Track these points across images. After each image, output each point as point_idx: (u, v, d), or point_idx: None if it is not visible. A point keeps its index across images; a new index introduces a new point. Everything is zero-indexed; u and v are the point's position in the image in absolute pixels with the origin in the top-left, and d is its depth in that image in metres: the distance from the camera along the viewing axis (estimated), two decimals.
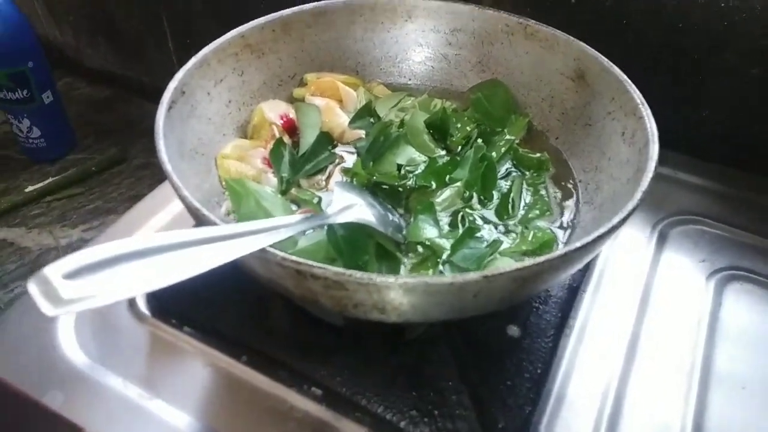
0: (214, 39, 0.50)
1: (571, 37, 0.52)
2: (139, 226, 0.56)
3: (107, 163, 0.91)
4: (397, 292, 0.32)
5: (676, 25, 0.58)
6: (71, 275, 0.26)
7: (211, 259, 0.31)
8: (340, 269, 0.32)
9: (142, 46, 0.98)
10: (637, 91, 0.46)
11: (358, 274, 0.32)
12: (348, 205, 0.41)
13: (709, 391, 0.44)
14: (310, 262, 0.32)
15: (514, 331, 0.46)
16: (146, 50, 0.98)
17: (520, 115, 0.56)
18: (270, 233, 0.34)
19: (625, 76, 0.47)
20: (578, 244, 0.34)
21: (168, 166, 0.37)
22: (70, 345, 0.46)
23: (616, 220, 0.36)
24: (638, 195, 0.38)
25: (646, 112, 0.44)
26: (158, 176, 0.89)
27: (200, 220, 0.35)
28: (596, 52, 0.50)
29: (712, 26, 0.57)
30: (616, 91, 0.48)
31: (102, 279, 0.26)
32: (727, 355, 0.47)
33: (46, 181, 0.86)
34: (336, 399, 0.42)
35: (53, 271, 0.25)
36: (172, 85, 0.44)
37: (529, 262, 0.33)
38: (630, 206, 0.37)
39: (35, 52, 0.81)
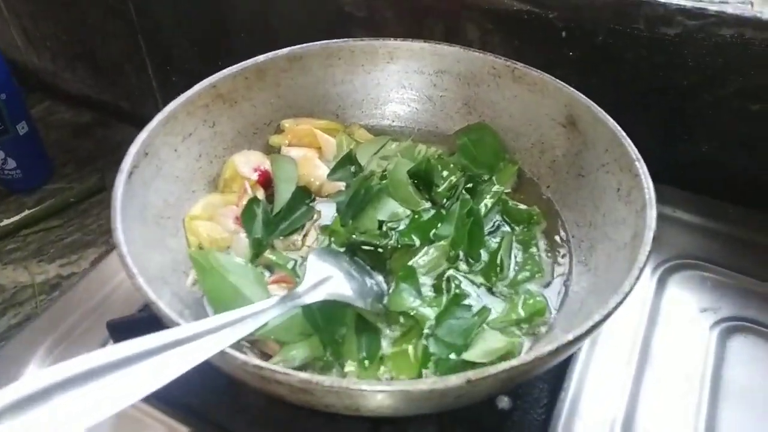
0: (193, 63, 0.47)
1: (561, 83, 0.49)
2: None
3: (86, 193, 0.88)
4: (372, 398, 0.30)
5: (671, 61, 0.56)
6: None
7: (171, 368, 0.28)
8: (306, 376, 0.29)
9: (121, 71, 0.95)
10: (633, 146, 0.43)
11: (326, 381, 0.29)
12: (321, 280, 0.39)
13: None
14: (273, 367, 0.29)
15: (504, 402, 0.43)
16: (125, 75, 0.95)
17: (509, 161, 0.53)
18: (235, 327, 0.32)
19: (620, 128, 0.44)
20: (570, 337, 0.31)
21: (127, 259, 0.34)
22: None
23: (612, 303, 0.33)
24: (635, 273, 0.35)
25: (643, 169, 0.41)
26: None
27: (159, 315, 0.32)
28: (588, 99, 0.47)
29: (708, 62, 0.55)
30: (610, 143, 0.45)
31: (31, 420, 0.23)
32: (732, 417, 0.44)
33: (23, 214, 0.83)
34: None
35: None
36: (133, 149, 0.41)
37: (516, 362, 0.30)
38: (627, 287, 0.34)
39: (7, 84, 0.78)
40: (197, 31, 0.81)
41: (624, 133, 0.44)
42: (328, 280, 0.39)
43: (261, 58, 0.51)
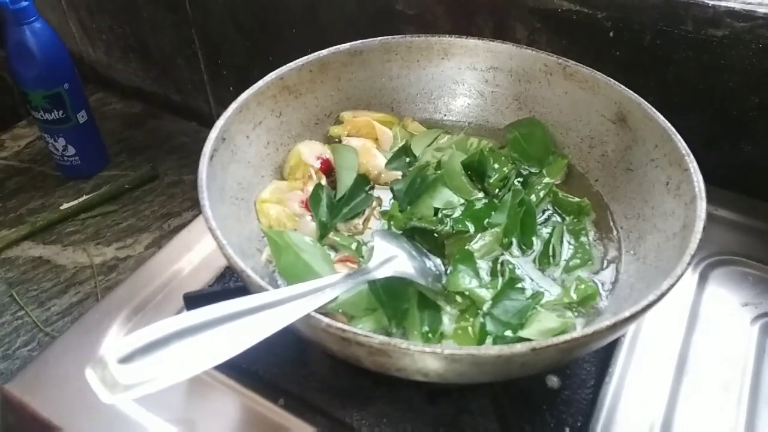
0: (244, 60, 0.50)
1: (612, 80, 0.51)
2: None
3: (140, 181, 0.92)
4: (442, 362, 0.32)
5: (718, 62, 0.57)
6: (127, 359, 0.26)
7: (260, 329, 0.31)
8: (386, 338, 0.32)
9: (173, 64, 0.99)
10: (682, 141, 0.45)
11: (403, 343, 0.32)
12: (388, 258, 0.41)
13: None
14: (356, 330, 0.32)
15: (553, 381, 0.46)
16: (177, 68, 0.99)
17: (558, 155, 0.55)
18: (314, 296, 0.35)
19: (669, 125, 0.46)
20: (627, 314, 0.34)
21: (217, 232, 0.37)
22: None
23: (665, 286, 0.35)
24: (686, 258, 0.37)
25: (693, 164, 0.43)
26: (188, 194, 0.91)
27: (247, 282, 0.36)
28: (638, 97, 0.49)
29: (755, 64, 0.56)
30: (660, 139, 0.47)
31: (157, 360, 0.26)
32: None
33: (81, 199, 0.87)
34: None
35: (110, 355, 0.26)
36: (213, 134, 0.44)
37: (577, 333, 0.32)
38: (679, 270, 0.36)
39: (71, 74, 0.83)
40: (248, 26, 0.84)
41: (674, 130, 0.46)
42: (393, 258, 0.41)
43: (324, 52, 0.54)
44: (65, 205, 0.86)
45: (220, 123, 0.45)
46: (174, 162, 0.96)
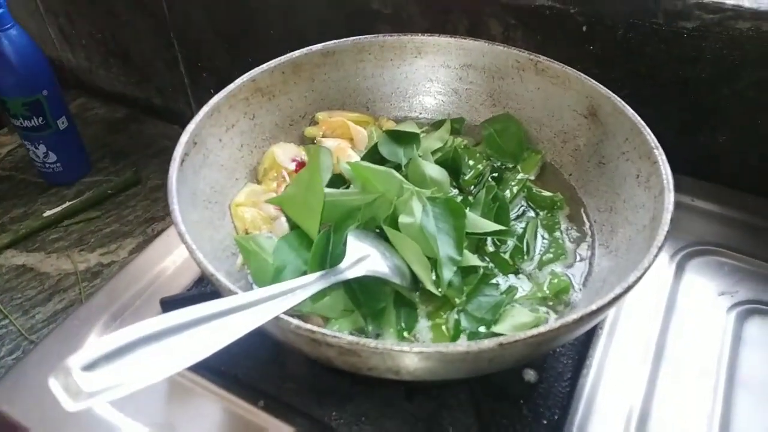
0: (225, 62, 0.50)
1: (583, 75, 0.51)
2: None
3: (123, 186, 0.91)
4: (411, 359, 0.33)
5: (689, 54, 0.58)
6: (91, 366, 0.26)
7: (229, 332, 0.31)
8: (354, 338, 0.32)
9: (153, 68, 0.99)
10: (651, 134, 0.45)
11: (372, 342, 0.32)
12: (361, 257, 0.42)
13: None
14: (324, 331, 0.32)
15: (531, 375, 0.46)
16: (157, 72, 0.99)
17: (533, 151, 0.55)
18: (285, 297, 0.35)
19: (639, 118, 0.47)
20: (594, 307, 0.34)
21: (186, 236, 0.37)
22: None
23: (632, 278, 0.36)
24: (654, 250, 0.37)
25: (661, 157, 0.44)
26: None
27: (216, 286, 0.36)
28: (608, 91, 0.49)
29: (725, 55, 0.56)
30: (630, 132, 0.47)
31: (123, 366, 0.27)
32: (749, 397, 0.46)
33: (64, 205, 0.87)
34: None
35: (73, 363, 0.26)
36: (184, 138, 0.44)
37: (544, 328, 0.33)
38: (646, 263, 0.37)
39: (49, 81, 0.82)
40: (226, 28, 0.84)
41: (643, 123, 0.46)
42: (366, 258, 0.42)
43: (296, 53, 0.54)
44: (48, 212, 0.86)
45: (191, 127, 0.45)
46: (157, 166, 0.96)
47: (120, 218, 0.87)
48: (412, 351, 0.32)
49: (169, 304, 0.47)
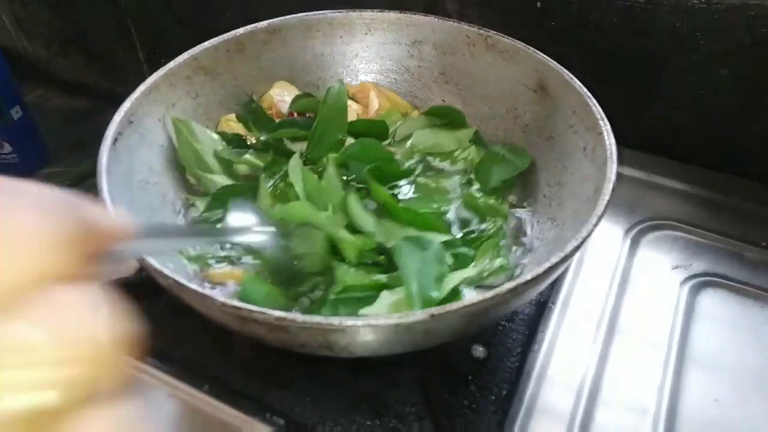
0: (183, 43, 0.49)
1: (532, 49, 0.50)
2: None
3: (80, 177, 0.89)
4: (341, 334, 0.32)
5: (643, 28, 0.57)
6: None
7: None
8: (282, 313, 0.31)
9: (113, 55, 0.97)
10: (597, 106, 0.45)
11: (299, 317, 0.31)
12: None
13: (681, 406, 0.44)
14: (251, 307, 0.31)
15: (479, 351, 0.45)
16: (117, 60, 0.97)
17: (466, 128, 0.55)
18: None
19: (586, 90, 0.46)
20: (528, 277, 0.33)
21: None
22: None
23: (569, 247, 0.35)
24: (593, 220, 0.37)
25: (606, 128, 0.43)
26: None
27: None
28: (557, 64, 0.49)
29: (678, 28, 0.56)
30: (577, 105, 0.46)
31: None
32: (699, 369, 0.46)
33: None
34: (298, 428, 0.42)
35: None
36: (117, 117, 0.43)
37: (475, 299, 0.32)
38: (585, 232, 0.36)
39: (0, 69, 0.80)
40: (183, 11, 0.82)
41: (590, 94, 0.46)
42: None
43: (240, 30, 0.52)
44: None
45: (125, 105, 0.44)
46: None
47: None
48: (341, 325, 0.31)
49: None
